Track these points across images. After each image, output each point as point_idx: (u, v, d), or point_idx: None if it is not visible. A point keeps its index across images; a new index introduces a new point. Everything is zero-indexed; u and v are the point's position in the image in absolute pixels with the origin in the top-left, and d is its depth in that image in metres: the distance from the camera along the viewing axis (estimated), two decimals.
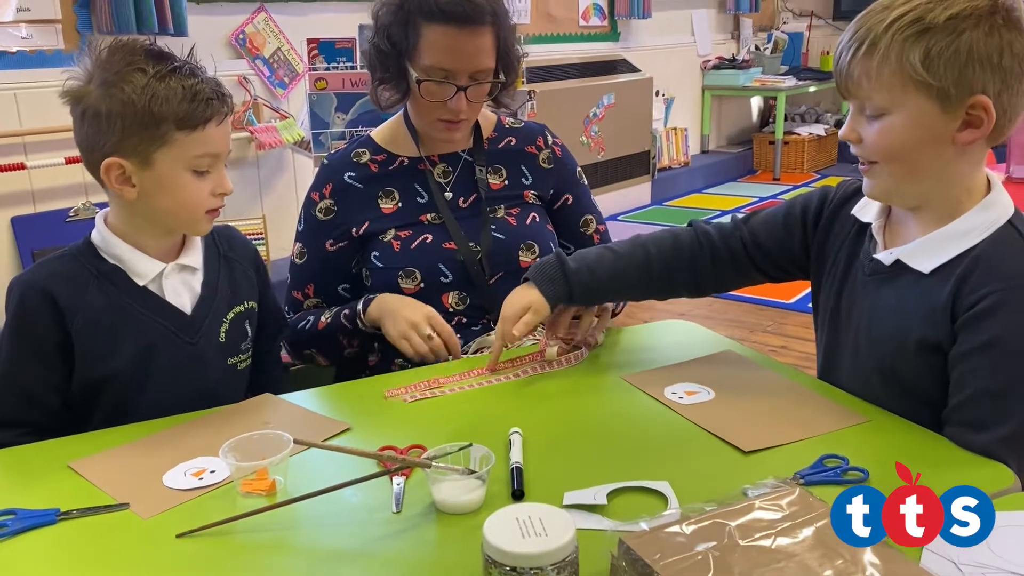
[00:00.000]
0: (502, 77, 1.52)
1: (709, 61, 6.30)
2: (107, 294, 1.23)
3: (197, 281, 1.29)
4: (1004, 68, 1.01)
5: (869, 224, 1.18)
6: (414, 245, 1.52)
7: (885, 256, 1.13)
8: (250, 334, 1.36)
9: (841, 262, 1.22)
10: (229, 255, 1.35)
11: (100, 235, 1.25)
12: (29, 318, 1.21)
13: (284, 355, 1.58)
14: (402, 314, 1.42)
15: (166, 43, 1.24)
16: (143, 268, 1.24)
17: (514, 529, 0.77)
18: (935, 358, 1.08)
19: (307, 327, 1.52)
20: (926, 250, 1.09)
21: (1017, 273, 1.03)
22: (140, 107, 1.14)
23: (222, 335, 1.30)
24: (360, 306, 1.47)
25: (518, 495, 0.98)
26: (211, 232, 1.30)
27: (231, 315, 1.32)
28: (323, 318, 1.51)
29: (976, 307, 1.03)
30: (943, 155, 1.05)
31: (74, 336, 1.21)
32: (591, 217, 1.66)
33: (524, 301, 1.32)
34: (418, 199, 1.56)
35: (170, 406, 1.22)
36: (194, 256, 1.29)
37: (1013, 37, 1.01)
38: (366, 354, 1.58)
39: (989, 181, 1.11)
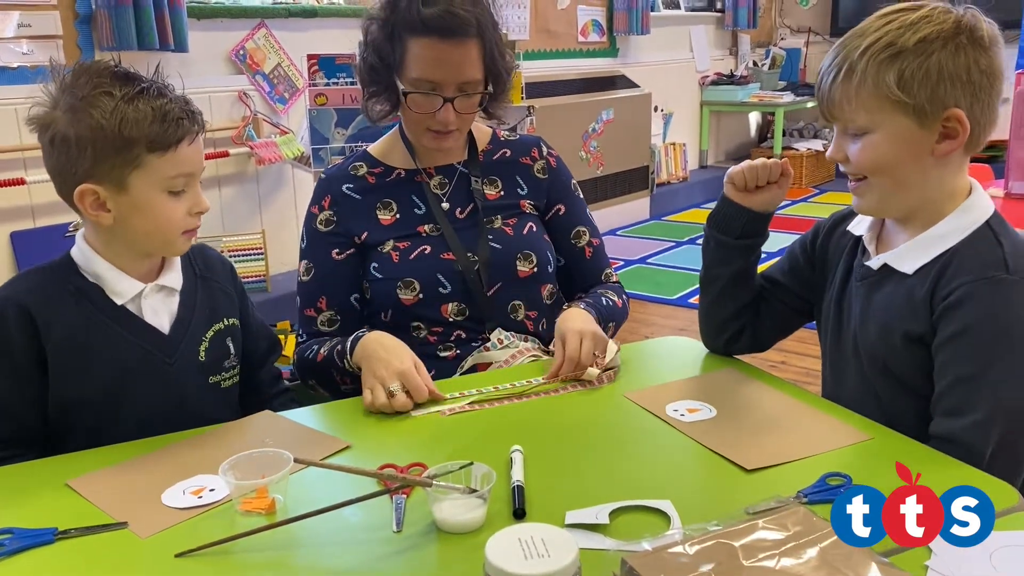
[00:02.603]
0: (490, 88, 1.52)
1: (707, 77, 6.33)
2: (84, 312, 1.21)
3: (175, 301, 1.28)
4: (973, 83, 1.09)
5: (862, 237, 1.26)
6: (413, 256, 1.52)
7: (874, 261, 1.21)
8: (233, 351, 1.35)
9: (839, 274, 1.30)
10: (205, 274, 1.34)
11: (80, 252, 1.23)
12: (4, 332, 1.18)
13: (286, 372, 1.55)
14: (375, 365, 1.32)
15: (130, 64, 1.22)
16: (122, 287, 1.23)
17: (516, 549, 0.77)
18: (920, 350, 1.14)
19: (310, 356, 1.49)
20: (910, 253, 1.17)
21: (986, 266, 1.10)
22: (110, 131, 1.12)
23: (202, 354, 1.29)
24: (349, 344, 1.41)
25: (519, 514, 0.97)
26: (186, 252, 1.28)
27: (210, 333, 1.31)
28: (322, 350, 1.48)
29: (949, 299, 1.10)
30: (924, 166, 1.13)
31: (49, 352, 1.19)
32: (583, 229, 1.66)
33: None
34: (415, 210, 1.56)
35: (149, 424, 1.21)
36: (174, 277, 1.28)
37: (978, 54, 1.09)
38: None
39: (971, 186, 1.17)
